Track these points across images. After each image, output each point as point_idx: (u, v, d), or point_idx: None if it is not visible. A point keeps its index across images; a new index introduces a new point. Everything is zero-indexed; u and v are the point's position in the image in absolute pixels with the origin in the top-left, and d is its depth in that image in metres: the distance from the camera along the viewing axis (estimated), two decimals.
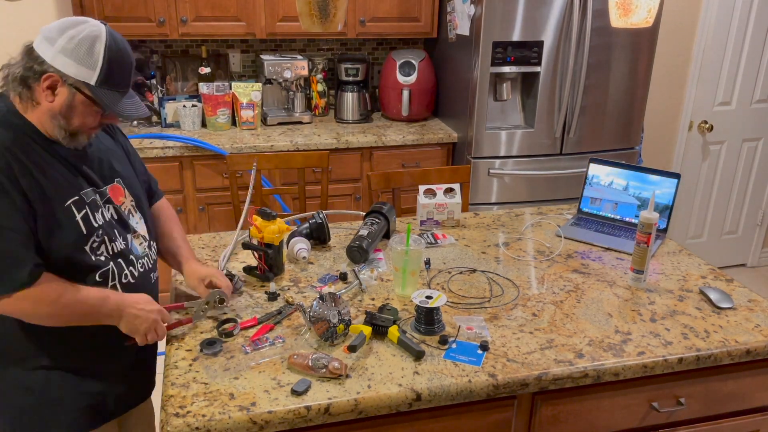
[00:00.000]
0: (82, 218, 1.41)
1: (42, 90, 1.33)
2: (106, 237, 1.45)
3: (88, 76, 1.33)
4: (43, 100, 1.34)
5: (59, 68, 1.32)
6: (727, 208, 4.08)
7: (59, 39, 1.32)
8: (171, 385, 1.38)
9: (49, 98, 1.34)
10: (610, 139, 3.27)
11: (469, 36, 3.07)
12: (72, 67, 1.32)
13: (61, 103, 1.34)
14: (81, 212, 1.41)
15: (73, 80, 1.33)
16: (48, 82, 1.32)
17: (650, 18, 1.91)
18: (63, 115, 1.36)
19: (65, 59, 1.31)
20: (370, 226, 1.97)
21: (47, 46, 1.32)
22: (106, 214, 1.47)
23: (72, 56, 1.32)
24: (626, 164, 2.21)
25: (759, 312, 1.72)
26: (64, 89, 1.34)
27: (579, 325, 1.63)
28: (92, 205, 1.44)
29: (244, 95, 3.27)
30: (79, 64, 1.32)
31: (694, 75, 3.72)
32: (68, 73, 1.32)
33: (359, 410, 1.36)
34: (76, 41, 1.32)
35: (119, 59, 1.36)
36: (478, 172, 3.14)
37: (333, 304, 1.52)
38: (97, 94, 1.35)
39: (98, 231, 1.44)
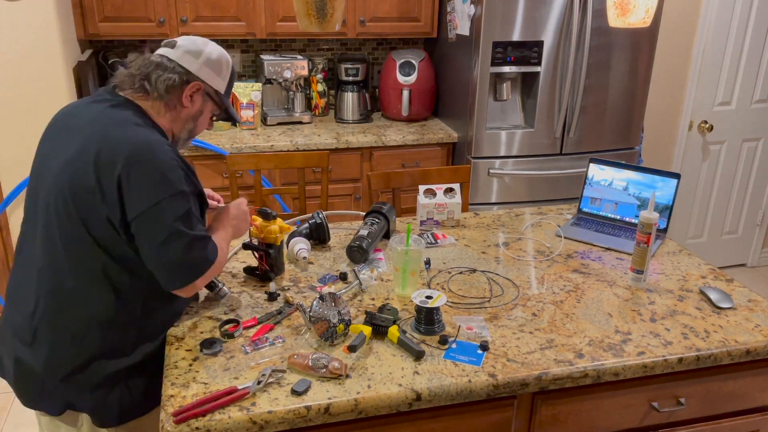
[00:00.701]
0: None
1: (186, 96, 1.54)
2: None
3: (220, 86, 1.59)
4: (183, 104, 1.55)
5: (203, 78, 1.55)
6: (727, 208, 4.09)
7: (202, 53, 1.54)
8: (171, 385, 1.38)
9: (188, 103, 1.55)
10: (610, 139, 3.27)
11: (469, 36, 3.07)
12: (213, 78, 1.57)
13: (197, 108, 1.58)
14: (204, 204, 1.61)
15: (211, 89, 1.57)
16: (194, 88, 1.54)
17: (648, 18, 1.90)
18: (194, 119, 1.59)
19: (209, 71, 1.55)
20: (370, 226, 1.97)
21: (191, 59, 1.53)
22: None
23: (214, 68, 1.56)
24: (626, 164, 2.21)
25: (759, 312, 1.72)
26: (199, 97, 1.57)
27: (579, 325, 1.63)
28: None
29: (244, 95, 3.27)
30: (217, 75, 1.57)
31: (694, 75, 3.72)
32: (209, 82, 1.56)
33: (359, 410, 1.36)
34: (215, 58, 1.56)
35: (233, 75, 1.65)
36: (478, 172, 3.14)
37: (333, 304, 1.52)
38: (224, 101, 1.62)
39: None
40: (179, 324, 1.60)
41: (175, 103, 1.54)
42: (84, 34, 3.02)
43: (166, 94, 1.51)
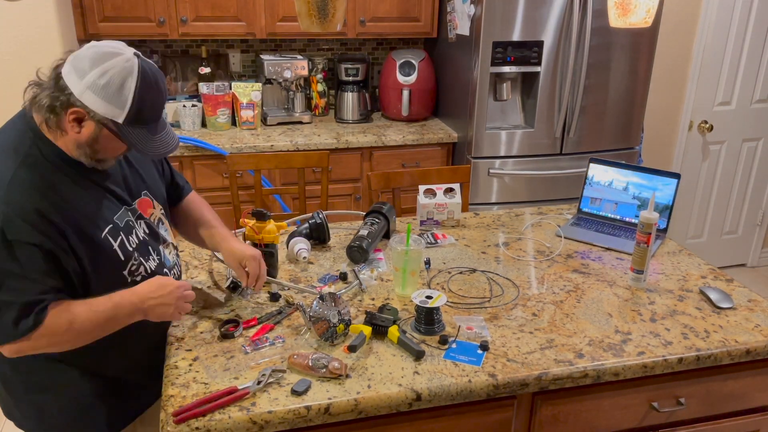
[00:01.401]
0: (119, 246, 1.42)
1: (68, 121, 1.30)
2: (142, 258, 1.47)
3: (116, 115, 1.29)
4: (69, 130, 1.31)
5: (86, 104, 1.27)
6: (727, 208, 4.09)
7: (89, 73, 1.27)
8: (171, 385, 1.38)
9: (75, 129, 1.30)
10: (610, 139, 3.27)
11: (469, 36, 3.07)
12: (100, 105, 1.28)
13: (88, 135, 1.31)
14: (117, 240, 1.41)
15: (99, 117, 1.29)
16: (74, 115, 1.29)
17: (649, 18, 1.90)
18: (89, 146, 1.33)
19: (93, 96, 1.27)
20: (370, 226, 1.97)
21: (76, 79, 1.27)
22: (139, 233, 1.48)
23: (101, 94, 1.27)
24: (626, 164, 2.21)
25: (759, 312, 1.72)
26: (91, 123, 1.30)
27: (579, 325, 1.63)
28: (126, 229, 1.44)
29: (244, 95, 3.27)
30: (107, 102, 1.28)
31: (694, 75, 3.72)
32: (96, 110, 1.28)
33: (359, 410, 1.36)
34: (106, 79, 1.27)
35: (150, 96, 1.32)
36: (478, 172, 3.14)
37: (333, 304, 1.52)
38: (124, 132, 1.31)
39: (134, 254, 1.45)
40: (179, 324, 1.60)
41: (61, 126, 1.31)
42: (84, 34, 3.02)
43: (47, 114, 1.30)
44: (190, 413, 1.28)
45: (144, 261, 1.48)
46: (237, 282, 1.69)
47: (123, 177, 1.49)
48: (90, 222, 1.36)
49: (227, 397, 1.32)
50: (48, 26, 2.71)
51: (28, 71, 2.99)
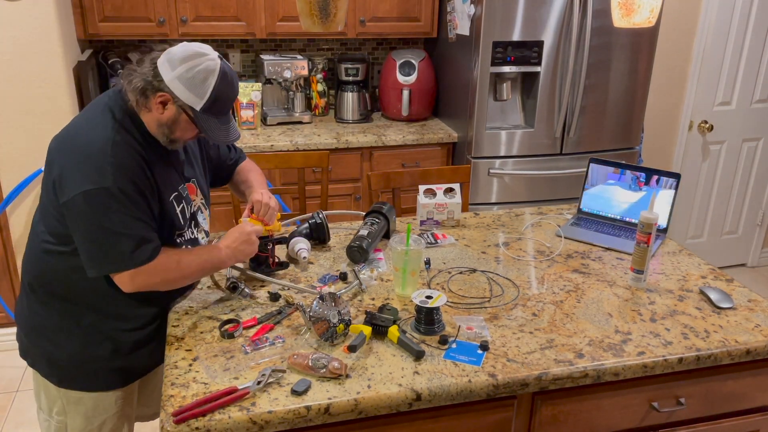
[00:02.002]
0: (180, 212, 1.66)
1: (155, 103, 1.54)
2: (188, 229, 1.71)
3: (195, 103, 1.53)
4: (154, 110, 1.55)
5: (173, 90, 1.51)
6: (727, 208, 4.08)
7: (179, 67, 1.51)
8: (171, 385, 1.38)
9: (160, 110, 1.55)
10: (610, 139, 3.27)
11: (469, 36, 3.07)
12: (184, 93, 1.52)
13: (169, 116, 1.55)
14: (179, 206, 1.66)
15: (182, 102, 1.53)
16: (161, 98, 1.53)
17: (653, 18, 1.90)
18: (167, 126, 1.57)
19: (180, 85, 1.51)
20: (370, 226, 1.97)
21: (168, 69, 1.51)
22: (192, 207, 1.73)
23: (187, 84, 1.51)
24: (626, 164, 2.21)
25: (759, 312, 1.72)
26: (173, 107, 1.54)
27: (579, 325, 1.63)
28: (186, 200, 1.70)
29: (244, 95, 3.27)
30: (190, 91, 1.52)
31: (694, 75, 3.72)
32: (179, 96, 1.52)
33: (359, 410, 1.36)
34: (194, 72, 1.51)
35: (225, 93, 1.56)
36: (478, 172, 3.14)
37: (333, 304, 1.52)
38: (199, 117, 1.55)
39: (190, 222, 1.71)
40: (179, 324, 1.60)
41: (148, 105, 1.55)
42: (84, 34, 3.02)
43: (138, 95, 1.54)
44: (190, 413, 1.28)
45: (189, 232, 1.72)
46: (237, 282, 1.69)
47: (182, 161, 1.73)
48: (164, 184, 1.61)
49: (227, 397, 1.32)
50: (48, 26, 2.71)
51: (28, 71, 3.00)
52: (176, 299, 1.71)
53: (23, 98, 2.77)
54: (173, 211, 1.63)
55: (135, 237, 1.51)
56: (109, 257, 1.51)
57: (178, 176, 1.69)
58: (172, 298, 1.71)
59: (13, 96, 2.77)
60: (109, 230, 1.48)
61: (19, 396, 2.87)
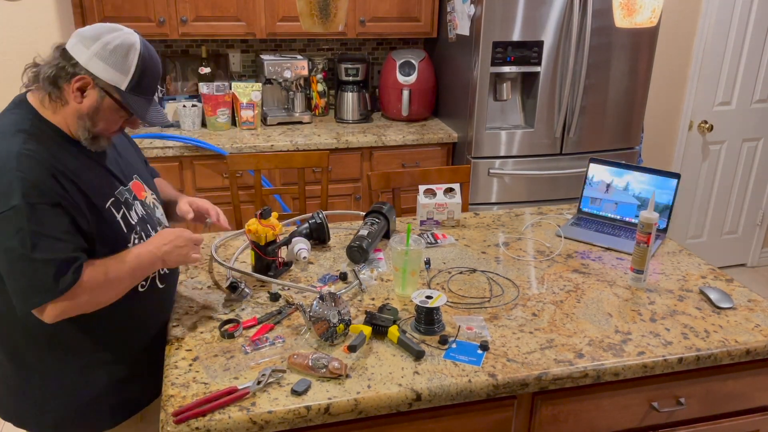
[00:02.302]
0: (122, 218, 1.48)
1: (72, 91, 1.37)
2: (143, 233, 1.53)
3: (119, 81, 1.38)
4: (71, 100, 1.38)
5: (93, 71, 1.36)
6: (727, 208, 4.09)
7: (95, 44, 1.36)
8: (171, 385, 1.38)
9: (78, 99, 1.38)
10: (610, 139, 3.27)
11: (469, 36, 3.07)
12: (105, 72, 1.36)
13: (89, 105, 1.38)
14: (119, 212, 1.47)
15: (104, 83, 1.37)
16: (79, 83, 1.36)
17: (655, 18, 1.90)
18: (89, 117, 1.40)
19: (99, 63, 1.36)
20: (370, 226, 1.97)
21: (82, 49, 1.36)
22: (138, 210, 1.55)
23: (107, 61, 1.36)
24: (626, 164, 2.21)
25: (759, 312, 1.72)
26: (94, 92, 1.38)
27: (579, 325, 1.63)
28: (126, 204, 1.51)
29: (244, 95, 3.27)
30: (113, 69, 1.37)
31: (694, 75, 3.72)
32: (101, 76, 1.36)
33: (359, 410, 1.36)
34: (112, 47, 1.36)
35: (151, 68, 1.42)
36: (478, 172, 3.14)
37: (333, 304, 1.52)
38: (126, 99, 1.40)
39: (136, 228, 1.51)
40: (179, 324, 1.60)
41: (62, 97, 1.38)
42: None
43: (50, 87, 1.37)
44: (190, 413, 1.28)
45: (144, 237, 1.53)
46: (237, 282, 1.69)
47: (116, 160, 1.55)
48: (94, 192, 1.42)
49: (227, 397, 1.32)
50: (48, 26, 2.71)
51: None
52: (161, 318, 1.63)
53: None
54: (113, 220, 1.45)
55: (55, 261, 1.32)
56: (31, 288, 1.32)
57: (114, 179, 1.50)
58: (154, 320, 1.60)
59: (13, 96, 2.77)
60: (26, 257, 1.30)
61: None
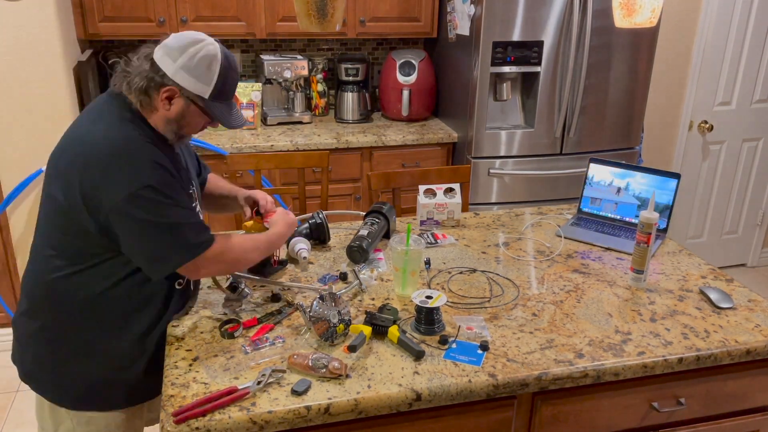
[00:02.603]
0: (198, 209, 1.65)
1: (161, 99, 1.49)
2: None
3: (203, 91, 1.50)
4: (160, 108, 1.51)
5: (179, 82, 1.47)
6: (727, 208, 4.08)
7: (181, 56, 1.47)
8: (171, 385, 1.38)
9: (166, 107, 1.50)
10: (610, 139, 3.27)
11: (469, 36, 3.07)
12: (190, 82, 1.48)
13: (176, 112, 1.51)
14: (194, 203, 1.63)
15: (189, 93, 1.49)
16: (167, 93, 1.49)
17: (654, 18, 1.90)
18: (176, 122, 1.53)
19: (185, 74, 1.47)
20: (370, 226, 1.97)
21: (169, 61, 1.47)
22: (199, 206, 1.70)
23: (191, 72, 1.47)
24: (626, 164, 2.21)
25: (759, 312, 1.72)
26: (180, 100, 1.50)
27: (579, 325, 1.63)
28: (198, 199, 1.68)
29: (244, 95, 3.27)
30: (196, 80, 1.48)
31: (694, 75, 3.72)
32: (186, 87, 1.48)
33: (359, 410, 1.36)
34: (197, 59, 1.47)
35: (231, 76, 1.54)
36: (478, 172, 3.14)
37: (333, 304, 1.52)
38: (209, 106, 1.53)
39: None
40: (179, 324, 1.60)
41: (152, 105, 1.50)
42: (84, 34, 3.02)
43: (141, 96, 1.49)
44: (190, 413, 1.28)
45: None
46: (236, 282, 1.69)
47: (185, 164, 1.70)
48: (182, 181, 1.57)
49: (227, 397, 1.32)
50: (48, 26, 2.71)
51: (28, 71, 3.00)
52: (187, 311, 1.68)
53: (23, 98, 2.77)
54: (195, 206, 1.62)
55: (193, 225, 1.50)
56: (174, 250, 1.48)
57: (188, 175, 1.67)
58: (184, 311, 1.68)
59: (13, 96, 2.78)
60: (168, 224, 1.45)
61: (19, 396, 2.87)
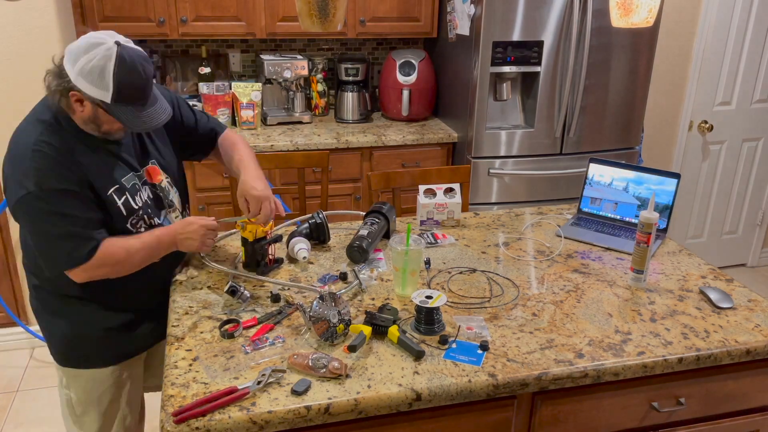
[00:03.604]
0: (123, 203, 1.66)
1: (73, 102, 1.54)
2: (145, 216, 1.72)
3: (103, 96, 1.51)
4: (76, 109, 1.56)
5: (81, 88, 1.51)
6: (727, 208, 4.09)
7: (78, 62, 1.50)
8: (171, 385, 1.38)
9: (79, 108, 1.55)
10: (610, 139, 3.27)
11: (469, 36, 3.07)
12: (89, 89, 1.50)
13: (88, 113, 1.56)
14: (121, 198, 1.65)
15: (91, 98, 1.52)
16: (75, 97, 1.53)
17: (651, 18, 1.91)
18: (92, 121, 1.58)
19: (83, 81, 1.50)
20: (370, 226, 1.97)
21: (70, 67, 1.51)
22: (143, 195, 1.72)
23: (88, 79, 1.50)
24: (626, 164, 2.21)
25: (759, 312, 1.72)
26: (88, 103, 1.54)
27: (579, 325, 1.63)
28: (131, 190, 1.69)
29: (244, 95, 3.27)
30: (93, 86, 1.50)
31: (694, 75, 3.72)
32: (87, 92, 1.51)
33: (359, 410, 1.36)
34: (89, 67, 1.49)
35: (129, 80, 1.52)
36: (478, 172, 3.14)
37: (333, 304, 1.52)
38: (113, 110, 1.54)
39: (138, 212, 1.70)
40: (179, 324, 1.60)
41: (69, 106, 1.56)
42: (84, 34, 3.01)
43: (59, 97, 1.55)
44: (190, 413, 1.28)
45: (147, 218, 1.73)
46: (236, 286, 1.69)
47: (135, 146, 1.74)
48: (100, 181, 1.61)
49: (227, 397, 1.32)
50: (48, 26, 2.71)
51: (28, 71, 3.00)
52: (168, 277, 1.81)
53: (23, 98, 2.77)
54: (113, 206, 1.64)
55: (71, 236, 1.55)
56: (53, 259, 1.59)
57: (124, 167, 1.68)
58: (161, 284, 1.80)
59: (13, 96, 2.78)
60: (47, 234, 1.55)
61: (19, 396, 2.87)
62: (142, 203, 1.72)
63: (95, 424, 1.85)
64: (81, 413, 1.84)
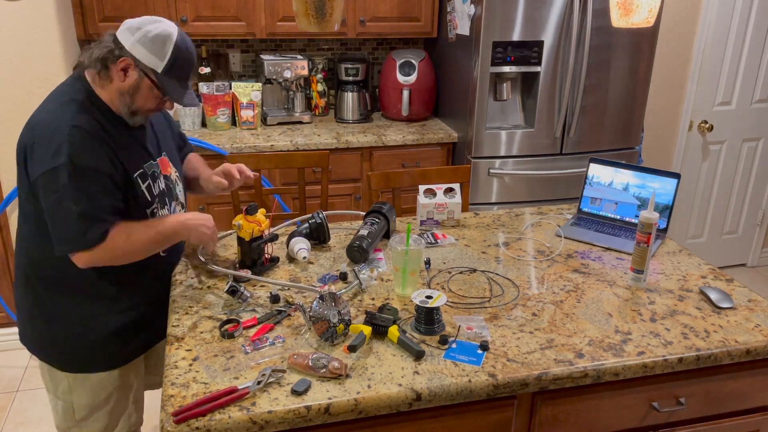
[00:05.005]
0: (146, 188, 1.71)
1: (117, 70, 1.60)
2: (160, 204, 1.76)
3: (156, 64, 1.60)
4: (116, 78, 1.61)
5: (135, 55, 1.59)
6: (727, 208, 4.09)
7: (140, 30, 1.59)
8: (171, 385, 1.38)
9: (121, 78, 1.61)
10: (610, 139, 3.27)
11: (469, 36, 3.07)
12: (145, 56, 1.59)
13: (130, 83, 1.62)
14: (145, 183, 1.71)
15: (143, 65, 1.60)
16: (123, 64, 1.60)
17: (651, 18, 1.91)
18: (129, 94, 1.63)
19: (141, 48, 1.59)
20: (370, 226, 1.97)
21: (128, 35, 1.60)
22: (161, 184, 1.77)
23: (146, 46, 1.59)
24: (626, 164, 2.21)
25: (759, 312, 1.72)
26: (135, 73, 1.61)
27: (579, 325, 1.63)
28: (152, 177, 1.74)
29: (244, 95, 3.27)
30: (151, 53, 1.59)
31: (694, 75, 3.72)
32: (141, 59, 1.59)
33: (359, 410, 1.36)
34: (152, 35, 1.59)
35: (184, 56, 1.64)
36: (478, 172, 3.14)
37: (333, 304, 1.52)
38: (161, 80, 1.62)
39: (156, 198, 1.74)
40: (179, 324, 1.60)
41: (109, 76, 1.61)
42: (84, 34, 3.02)
43: (99, 66, 1.60)
44: (190, 413, 1.28)
45: (160, 207, 1.76)
46: (236, 286, 1.69)
47: (151, 139, 1.79)
48: (128, 162, 1.66)
49: (227, 397, 1.32)
50: (48, 26, 2.71)
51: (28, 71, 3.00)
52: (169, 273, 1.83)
53: (23, 98, 2.77)
54: (138, 189, 1.68)
55: (88, 217, 1.56)
56: (66, 237, 1.58)
57: (146, 154, 1.74)
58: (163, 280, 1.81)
59: (13, 96, 2.78)
60: (67, 210, 1.55)
61: (19, 396, 2.87)
62: (158, 192, 1.76)
63: (99, 424, 1.84)
64: (83, 417, 1.83)
